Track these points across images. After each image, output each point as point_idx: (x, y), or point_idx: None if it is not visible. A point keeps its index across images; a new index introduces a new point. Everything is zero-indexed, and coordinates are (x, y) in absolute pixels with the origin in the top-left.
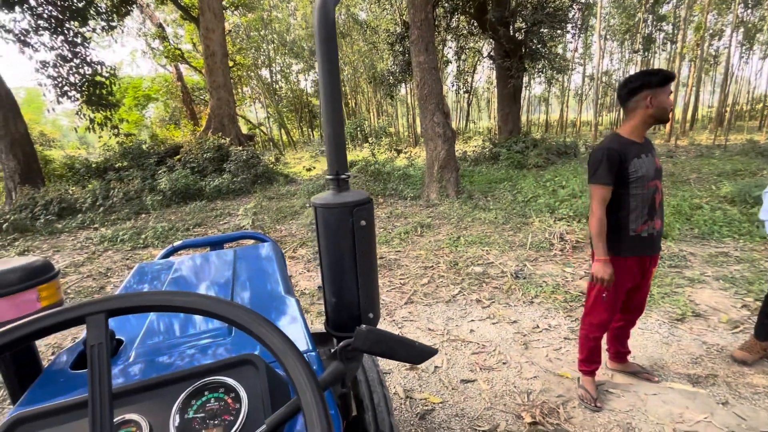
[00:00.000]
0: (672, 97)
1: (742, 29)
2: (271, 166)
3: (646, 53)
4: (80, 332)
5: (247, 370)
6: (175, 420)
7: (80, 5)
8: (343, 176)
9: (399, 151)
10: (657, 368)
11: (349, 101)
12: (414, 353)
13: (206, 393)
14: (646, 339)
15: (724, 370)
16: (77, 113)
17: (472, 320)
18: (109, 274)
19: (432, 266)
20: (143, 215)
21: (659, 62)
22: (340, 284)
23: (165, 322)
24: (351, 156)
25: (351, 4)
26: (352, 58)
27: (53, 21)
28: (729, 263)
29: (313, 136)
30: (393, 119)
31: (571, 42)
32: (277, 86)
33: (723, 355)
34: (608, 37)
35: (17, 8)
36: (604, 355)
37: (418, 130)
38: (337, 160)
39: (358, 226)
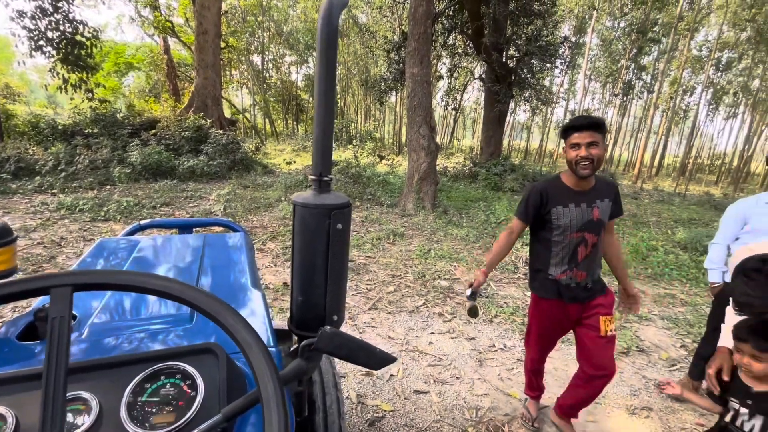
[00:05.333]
0: (586, 150)
1: (711, 90)
2: (251, 154)
3: (625, 98)
4: (27, 304)
5: (206, 358)
6: (127, 402)
7: None
8: (326, 178)
9: (382, 157)
10: (599, 397)
11: (339, 101)
12: (374, 359)
13: (162, 378)
14: None
15: (658, 404)
16: (50, 70)
17: (432, 333)
18: (62, 243)
19: (400, 275)
20: (108, 187)
21: (635, 108)
22: (308, 284)
23: (123, 301)
24: (334, 156)
25: (353, 5)
26: (347, 59)
27: None
28: (675, 305)
29: (298, 130)
30: (380, 125)
31: (558, 77)
32: (267, 75)
33: (659, 390)
34: (593, 77)
35: None
36: (555, 385)
37: (403, 138)
38: (323, 162)
39: (335, 229)
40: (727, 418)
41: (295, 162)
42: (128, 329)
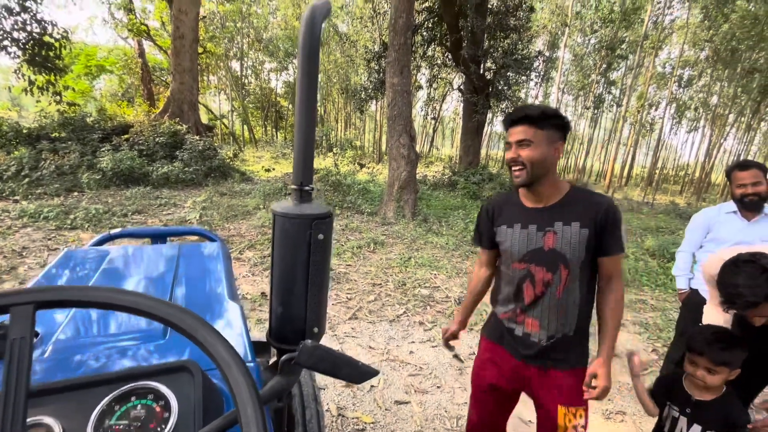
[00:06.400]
0: (515, 149)
1: (674, 104)
2: (228, 161)
3: (596, 111)
4: None
5: (181, 377)
6: (93, 425)
7: None
8: (307, 188)
9: (362, 166)
10: None
11: (319, 109)
12: (356, 373)
13: (133, 399)
14: None
15: (631, 407)
16: (15, 72)
17: (413, 342)
18: (24, 254)
19: (380, 284)
20: (76, 193)
21: (605, 121)
22: (288, 295)
23: (91, 317)
24: (314, 164)
25: (334, 15)
26: (327, 67)
27: None
28: (645, 310)
29: (277, 137)
30: (360, 133)
31: (533, 89)
32: (246, 81)
33: (632, 393)
34: (565, 90)
35: None
36: None
37: (383, 147)
38: (304, 171)
39: (316, 240)
40: (666, 426)
41: (274, 169)
42: (96, 347)
